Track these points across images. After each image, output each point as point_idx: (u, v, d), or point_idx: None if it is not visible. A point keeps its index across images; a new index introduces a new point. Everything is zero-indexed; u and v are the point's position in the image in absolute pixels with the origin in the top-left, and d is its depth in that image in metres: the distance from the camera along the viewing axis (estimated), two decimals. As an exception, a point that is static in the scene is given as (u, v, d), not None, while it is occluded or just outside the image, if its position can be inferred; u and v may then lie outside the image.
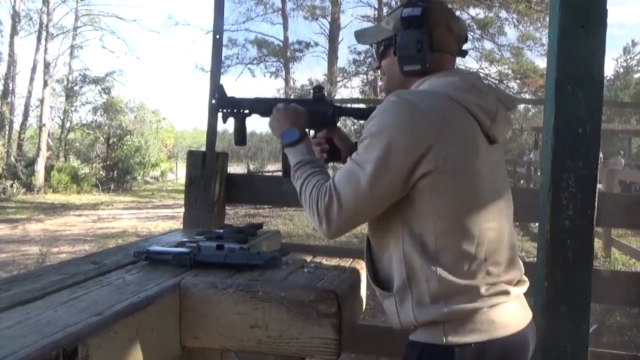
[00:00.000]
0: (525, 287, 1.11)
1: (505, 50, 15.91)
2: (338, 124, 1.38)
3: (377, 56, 1.21)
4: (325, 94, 1.39)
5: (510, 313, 1.04)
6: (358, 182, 1.00)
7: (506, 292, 1.04)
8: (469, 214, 1.00)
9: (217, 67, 2.21)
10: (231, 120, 1.43)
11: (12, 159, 17.11)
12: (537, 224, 1.62)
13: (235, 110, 1.40)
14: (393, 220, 1.05)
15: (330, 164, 1.64)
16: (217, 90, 1.44)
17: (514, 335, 1.03)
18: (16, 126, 18.78)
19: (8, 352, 0.70)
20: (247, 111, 1.41)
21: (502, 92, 1.15)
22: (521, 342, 1.05)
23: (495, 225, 1.04)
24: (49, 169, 17.17)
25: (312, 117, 1.34)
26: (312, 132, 1.37)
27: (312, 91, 1.38)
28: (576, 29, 1.48)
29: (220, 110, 1.42)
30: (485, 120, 1.04)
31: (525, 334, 1.06)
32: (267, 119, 1.36)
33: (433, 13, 1.09)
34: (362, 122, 1.30)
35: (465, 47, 1.17)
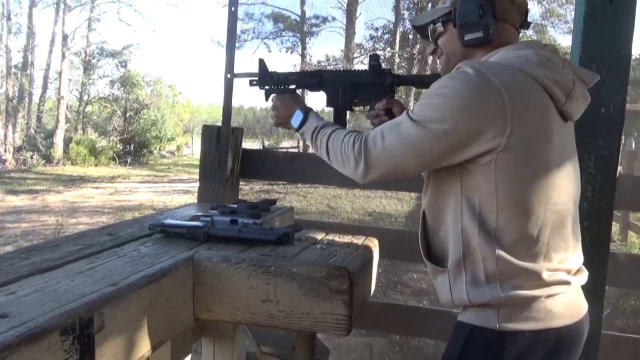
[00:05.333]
0: (584, 277, 1.06)
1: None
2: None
3: (432, 38, 1.15)
4: (382, 63, 1.31)
5: (568, 304, 1.00)
6: (409, 132, 0.97)
7: (567, 282, 0.99)
8: (535, 194, 0.95)
9: (232, 40, 2.18)
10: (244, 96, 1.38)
11: (32, 130, 17.38)
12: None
13: (279, 87, 1.33)
14: (452, 192, 1.01)
15: None
16: (258, 65, 1.34)
17: (569, 326, 0.99)
18: (35, 98, 19.01)
19: (26, 319, 0.71)
20: (293, 86, 1.33)
21: (579, 67, 1.08)
22: (575, 333, 1.02)
23: (561, 208, 0.99)
24: (67, 141, 17.43)
25: (369, 88, 1.28)
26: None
27: (368, 60, 1.32)
28: (604, 4, 1.43)
29: (262, 87, 1.34)
30: (560, 96, 0.98)
31: (581, 324, 1.03)
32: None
33: None
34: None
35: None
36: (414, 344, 2.94)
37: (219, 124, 2.17)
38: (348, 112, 1.33)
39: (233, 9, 2.22)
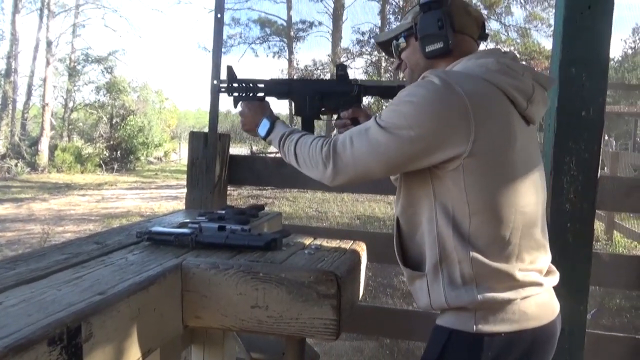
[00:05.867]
0: (555, 278, 1.10)
1: (512, 31, 15.75)
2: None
3: (396, 53, 1.20)
4: (348, 73, 1.34)
5: (541, 305, 1.03)
6: (376, 138, 1.00)
7: (539, 284, 1.03)
8: (504, 198, 0.98)
9: (218, 47, 2.19)
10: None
11: (16, 138, 17.16)
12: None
13: (248, 94, 1.34)
14: (425, 197, 1.04)
15: None
16: (227, 72, 1.35)
17: (543, 326, 1.02)
18: (19, 106, 18.78)
19: (13, 330, 0.71)
20: (262, 94, 1.34)
21: (538, 72, 1.12)
22: (549, 333, 1.05)
23: (530, 210, 1.03)
24: (52, 148, 17.23)
25: (336, 97, 1.31)
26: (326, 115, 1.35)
27: (335, 70, 1.35)
28: (582, 10, 1.46)
29: (231, 94, 1.34)
30: (521, 101, 1.02)
31: (554, 325, 1.06)
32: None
33: None
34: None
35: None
36: (404, 346, 2.96)
37: (207, 129, 2.17)
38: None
39: (219, 15, 2.22)
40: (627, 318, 3.60)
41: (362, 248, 1.40)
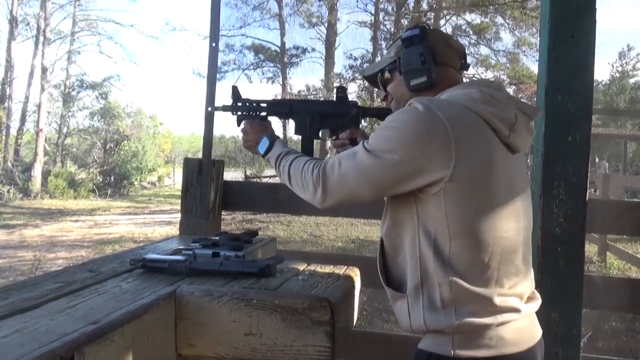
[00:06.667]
0: (536, 304, 1.11)
1: (501, 56, 16.05)
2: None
3: (382, 86, 1.24)
4: (348, 95, 1.38)
5: (519, 331, 1.04)
6: (362, 161, 1.03)
7: (517, 310, 1.04)
8: (483, 223, 1.00)
9: (213, 75, 2.23)
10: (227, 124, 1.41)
11: (9, 164, 17.08)
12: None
13: (251, 113, 1.38)
14: (409, 220, 1.06)
15: None
16: (232, 91, 1.40)
17: (521, 353, 1.03)
18: (13, 131, 18.77)
19: (6, 361, 0.71)
20: (264, 113, 1.38)
21: (523, 102, 1.15)
22: (529, 359, 1.05)
23: (509, 235, 1.04)
24: (45, 174, 17.15)
25: (335, 118, 1.35)
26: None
27: (335, 92, 1.39)
28: (565, 39, 1.51)
29: (235, 112, 1.39)
30: (503, 130, 1.04)
31: (533, 351, 1.06)
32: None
33: (431, 31, 1.14)
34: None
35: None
36: (400, 372, 2.92)
37: (201, 153, 2.19)
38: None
39: (214, 44, 2.27)
40: (623, 341, 3.59)
41: (355, 273, 1.40)
